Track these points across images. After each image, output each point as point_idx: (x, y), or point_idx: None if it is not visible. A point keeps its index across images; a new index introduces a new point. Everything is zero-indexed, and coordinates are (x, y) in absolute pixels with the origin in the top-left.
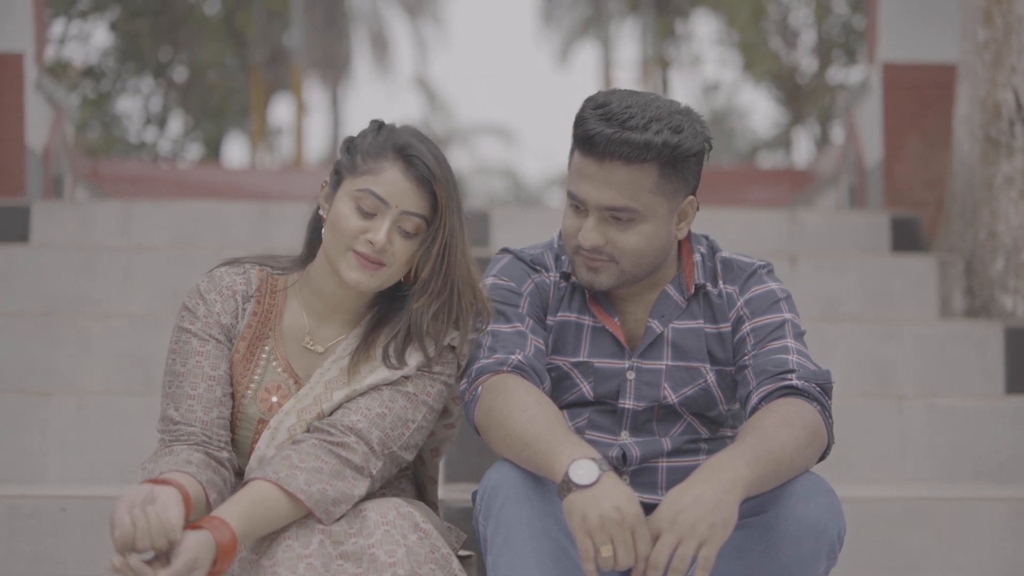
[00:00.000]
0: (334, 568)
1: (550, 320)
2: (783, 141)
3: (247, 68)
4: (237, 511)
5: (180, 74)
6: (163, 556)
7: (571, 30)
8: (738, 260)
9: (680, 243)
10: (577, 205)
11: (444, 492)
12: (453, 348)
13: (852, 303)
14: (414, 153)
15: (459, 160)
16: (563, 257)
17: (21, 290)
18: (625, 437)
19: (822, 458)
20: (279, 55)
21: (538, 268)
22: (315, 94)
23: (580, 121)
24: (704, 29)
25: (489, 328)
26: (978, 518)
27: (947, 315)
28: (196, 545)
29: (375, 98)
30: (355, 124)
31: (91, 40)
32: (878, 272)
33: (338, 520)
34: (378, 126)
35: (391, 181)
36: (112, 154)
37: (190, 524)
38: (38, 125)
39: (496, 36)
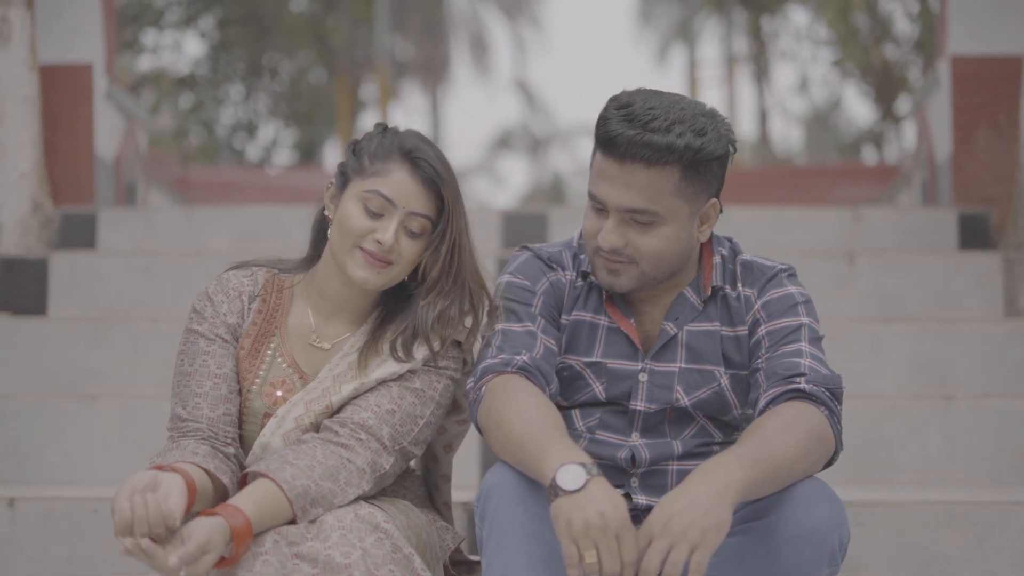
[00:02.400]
0: (290, 567)
1: (564, 319)
2: (872, 137)
3: (335, 74)
4: (250, 500)
5: (271, 81)
6: (177, 539)
7: (668, 30)
8: (759, 263)
9: (701, 245)
10: (598, 206)
11: (475, 494)
12: (459, 344)
13: (912, 302)
14: (420, 155)
15: (559, 162)
16: (582, 256)
17: (84, 295)
18: (636, 439)
19: (829, 464)
20: (369, 60)
21: (554, 266)
22: (415, 98)
23: (602, 121)
24: (794, 25)
25: (500, 327)
26: (1018, 523)
27: (1013, 314)
28: (208, 529)
29: (474, 101)
30: (455, 127)
31: (184, 50)
32: (941, 271)
33: (293, 524)
34: (383, 129)
35: (398, 182)
36: (213, 161)
37: (205, 511)
38: (108, 134)
39: (594, 37)
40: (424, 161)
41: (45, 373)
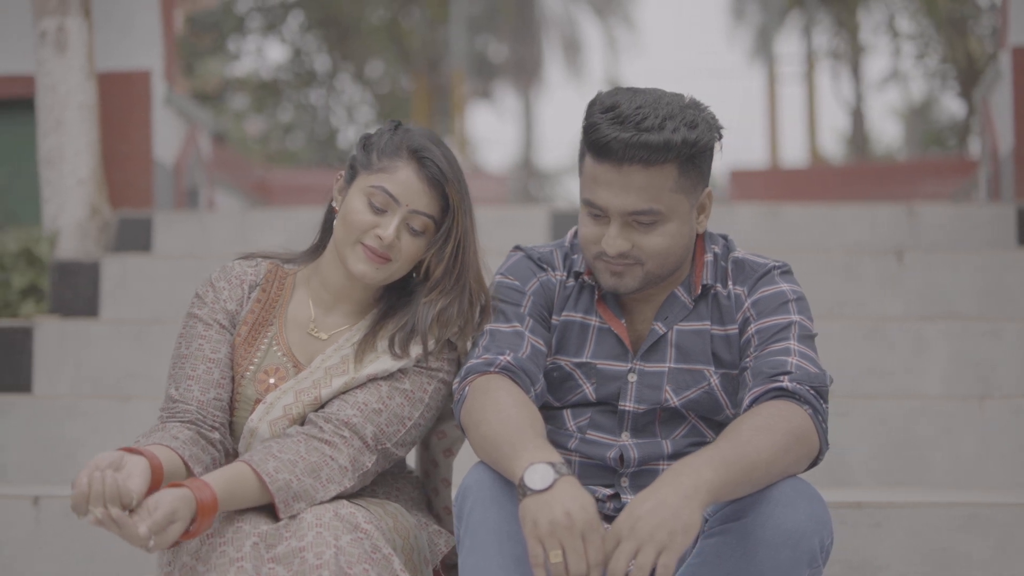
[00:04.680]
0: (265, 571)
1: (555, 319)
2: (958, 131)
3: (413, 76)
4: (219, 478)
5: (352, 83)
6: (144, 509)
7: (761, 27)
8: (751, 260)
9: (695, 243)
10: (596, 213)
11: None
12: (455, 347)
13: (963, 300)
14: (427, 155)
15: None
16: (574, 256)
17: (136, 298)
18: (626, 438)
19: (813, 464)
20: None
21: (545, 267)
22: (508, 100)
23: (591, 128)
24: (879, 18)
25: (488, 327)
26: None
27: None
28: (175, 499)
29: (567, 102)
30: (548, 128)
31: (266, 55)
32: (995, 267)
33: (275, 522)
34: (395, 126)
35: (403, 180)
36: (296, 164)
37: (172, 483)
38: (168, 139)
39: (687, 36)
40: (430, 160)
41: (91, 374)
